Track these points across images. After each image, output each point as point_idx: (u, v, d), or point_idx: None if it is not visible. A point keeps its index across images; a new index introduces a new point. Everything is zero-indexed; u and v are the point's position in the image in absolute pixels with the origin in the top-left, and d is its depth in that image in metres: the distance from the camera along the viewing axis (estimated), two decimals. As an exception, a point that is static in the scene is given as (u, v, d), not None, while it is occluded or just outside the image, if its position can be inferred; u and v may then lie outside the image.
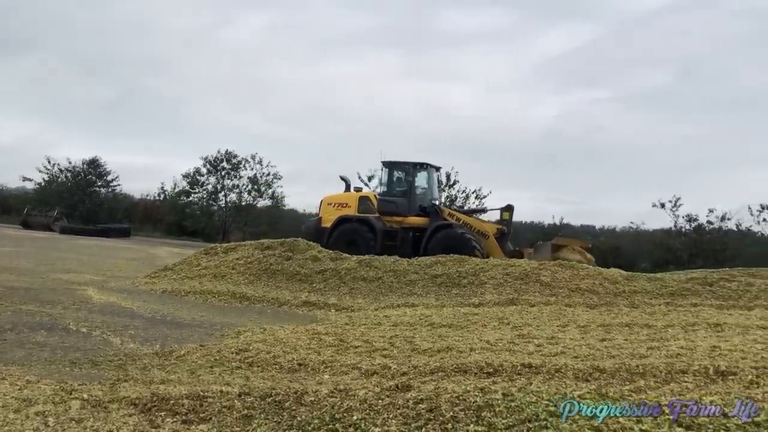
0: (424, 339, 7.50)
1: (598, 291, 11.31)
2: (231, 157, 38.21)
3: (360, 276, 12.71)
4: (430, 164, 19.27)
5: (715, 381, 5.14)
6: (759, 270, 12.47)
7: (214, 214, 38.98)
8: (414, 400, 3.52)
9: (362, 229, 17.58)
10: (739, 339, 7.01)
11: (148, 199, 43.77)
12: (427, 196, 19.01)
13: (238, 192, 38.61)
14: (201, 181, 38.62)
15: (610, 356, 6.24)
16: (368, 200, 18.49)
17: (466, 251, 15.53)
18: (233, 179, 38.54)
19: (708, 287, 10.89)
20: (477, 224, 17.74)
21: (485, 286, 11.93)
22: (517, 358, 6.16)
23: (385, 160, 19.17)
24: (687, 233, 28.37)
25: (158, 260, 19.19)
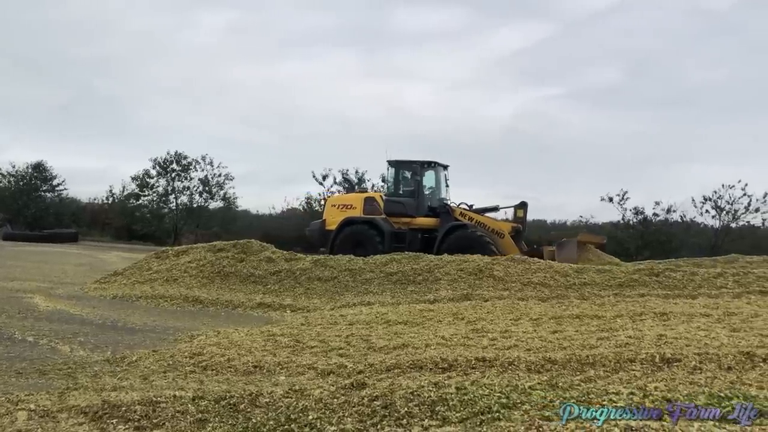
0: (381, 337, 7.53)
1: (549, 284, 11.53)
2: (181, 159, 37.55)
3: (315, 276, 12.67)
4: (438, 162, 18.50)
5: (661, 368, 5.32)
6: (702, 260, 12.92)
7: (164, 217, 38.22)
8: (369, 397, 3.54)
9: (369, 231, 16.96)
10: (684, 327, 7.25)
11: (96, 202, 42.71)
12: (435, 196, 18.33)
13: (189, 194, 37.98)
14: (151, 184, 37.84)
15: (562, 348, 6.38)
16: (374, 201, 17.81)
17: (482, 252, 15.02)
18: (184, 181, 37.90)
19: (654, 278, 11.22)
20: (491, 223, 17.05)
21: (440, 282, 12.03)
22: (471, 352, 6.25)
23: (391, 159, 18.34)
24: (634, 226, 29.12)
25: (108, 265, 18.74)
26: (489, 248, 15.66)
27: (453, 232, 16.53)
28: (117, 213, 39.43)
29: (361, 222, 17.26)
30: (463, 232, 16.47)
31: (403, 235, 16.99)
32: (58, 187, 41.19)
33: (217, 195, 38.16)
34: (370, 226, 17.09)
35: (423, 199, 17.79)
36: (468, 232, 16.44)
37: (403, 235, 16.99)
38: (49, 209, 39.57)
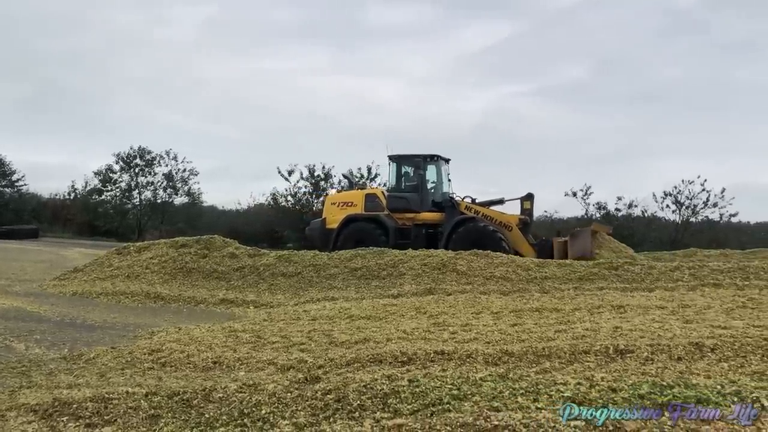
0: (343, 332, 7.55)
1: (511, 278, 11.66)
2: (145, 154, 37.02)
3: (279, 272, 12.63)
4: (441, 156, 18.10)
5: (614, 359, 5.43)
6: (662, 254, 13.21)
7: (128, 213, 37.66)
8: (322, 391, 3.56)
9: (373, 228, 16.60)
10: (639, 319, 7.39)
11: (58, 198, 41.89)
12: (438, 191, 17.88)
13: (153, 189, 37.48)
14: (114, 179, 37.24)
15: (520, 340, 6.46)
16: (376, 197, 17.49)
17: (493, 246, 14.81)
18: (148, 176, 37.37)
19: (613, 271, 11.42)
20: (498, 216, 16.64)
21: (404, 277, 12.08)
22: (431, 346, 6.30)
23: (392, 154, 17.88)
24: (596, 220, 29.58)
25: (68, 262, 18.40)
26: (500, 242, 15.37)
27: (461, 226, 16.15)
28: (79, 209, 38.76)
29: (364, 219, 16.92)
30: (473, 225, 16.09)
31: (408, 231, 16.71)
32: (17, 183, 40.35)
33: (182, 190, 37.72)
34: (373, 222, 16.79)
35: (427, 193, 17.45)
36: (478, 225, 16.04)
37: (408, 231, 16.71)
38: (8, 205, 38.73)
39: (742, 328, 6.27)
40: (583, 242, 15.17)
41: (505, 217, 16.62)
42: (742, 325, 6.45)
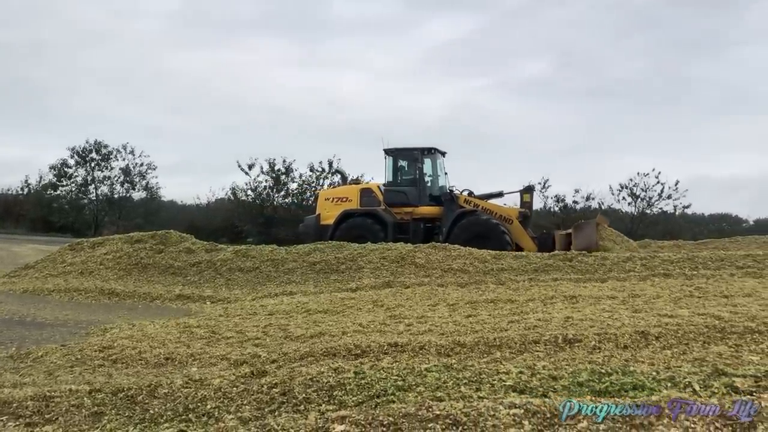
0: (299, 326, 7.53)
1: (469, 270, 11.77)
2: (101, 148, 36.28)
3: (237, 267, 12.54)
4: (437, 149, 17.80)
5: (563, 349, 5.52)
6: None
7: (84, 208, 36.92)
8: (268, 385, 3.56)
9: (370, 224, 16.30)
10: (591, 309, 7.53)
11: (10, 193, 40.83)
12: (435, 184, 17.68)
13: (110, 184, 36.77)
14: (69, 174, 36.44)
15: (474, 331, 6.53)
16: (371, 192, 17.18)
17: (496, 239, 14.81)
18: (104, 171, 36.65)
19: (568, 262, 11.61)
20: (498, 209, 16.45)
21: (363, 270, 12.11)
22: (385, 338, 6.33)
23: (388, 148, 17.57)
24: (555, 213, 30.07)
25: (21, 258, 17.93)
26: (502, 235, 15.25)
27: (462, 219, 15.97)
28: (33, 204, 37.82)
29: (361, 214, 16.66)
30: (473, 218, 15.90)
31: (407, 225, 16.50)
32: (-33, 178, 39.16)
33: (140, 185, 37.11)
34: (371, 218, 16.51)
35: (425, 187, 17.25)
36: (480, 218, 15.85)
37: (407, 225, 16.50)
38: (-43, 201, 37.63)
39: (687, 316, 6.42)
40: (588, 234, 14.99)
41: (505, 211, 16.49)
42: (688, 313, 6.61)
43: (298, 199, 29.62)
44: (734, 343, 5.16)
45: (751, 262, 10.90)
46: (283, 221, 27.97)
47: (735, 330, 5.49)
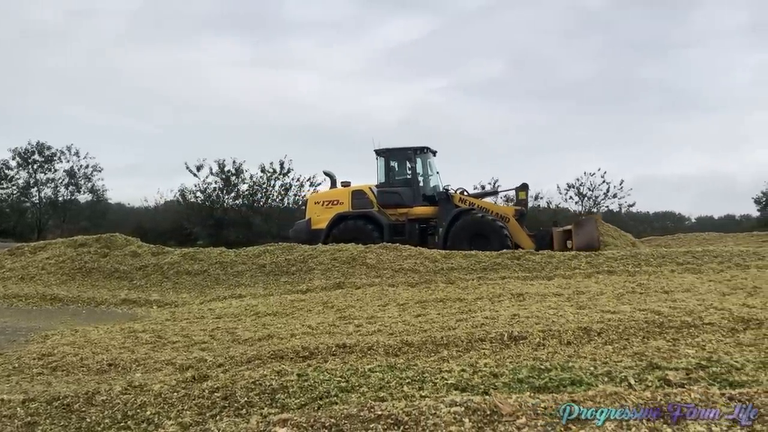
0: (247, 329, 7.46)
1: (419, 270, 11.84)
2: (44, 149, 35.19)
3: (184, 270, 12.34)
4: (429, 148, 17.65)
5: (508, 346, 5.60)
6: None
7: (26, 212, 35.76)
8: (210, 389, 3.50)
9: (365, 226, 16.09)
10: (537, 306, 7.65)
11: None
12: (428, 184, 17.47)
13: (54, 186, 35.69)
14: (10, 176, 35.23)
15: (422, 330, 6.56)
16: (363, 194, 16.95)
17: (496, 237, 14.70)
18: (48, 173, 35.55)
19: (516, 261, 11.79)
20: (494, 208, 16.47)
21: (313, 272, 12.06)
22: (334, 339, 6.31)
23: (379, 149, 17.42)
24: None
25: (-43, 265, 17.26)
26: (502, 232, 15.11)
27: (459, 218, 15.81)
28: (-29, 208, 36.45)
29: (355, 217, 16.41)
30: (471, 217, 15.74)
31: (402, 226, 16.29)
32: None
33: (85, 187, 36.13)
34: (366, 220, 16.27)
35: (419, 187, 17.09)
36: (478, 217, 15.68)
37: (402, 226, 16.29)
38: None
39: (629, 312, 6.58)
40: (590, 231, 14.89)
41: (501, 209, 16.46)
42: (630, 309, 6.78)
43: (248, 200, 29.27)
44: (672, 337, 5.31)
45: (691, 259, 11.25)
46: (233, 223, 27.61)
47: (673, 324, 5.65)
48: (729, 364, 3.56)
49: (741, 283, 8.41)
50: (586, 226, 15.25)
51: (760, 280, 8.62)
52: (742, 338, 5.13)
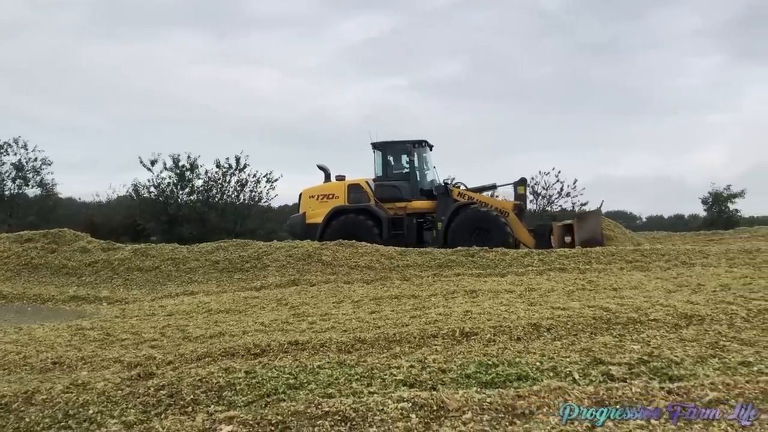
0: (198, 326, 7.36)
1: (375, 267, 11.85)
2: (-13, 142, 33.98)
3: (135, 266, 12.11)
4: (427, 142, 17.42)
5: (460, 342, 5.64)
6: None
7: (-30, 207, 34.54)
8: (155, 387, 3.44)
9: (364, 220, 15.78)
10: (489, 303, 7.73)
11: None
12: (425, 178, 17.25)
13: (0, 180, 34.51)
14: (-49, 170, 33.95)
15: (376, 327, 6.56)
16: (359, 188, 16.60)
17: (497, 231, 14.57)
18: (-8, 167, 34.31)
19: (470, 258, 11.91)
20: (493, 202, 16.16)
21: (268, 269, 11.97)
22: (287, 337, 6.26)
23: (376, 142, 17.07)
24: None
25: None
26: (504, 227, 14.99)
27: (460, 212, 15.58)
28: None
29: (353, 211, 16.10)
30: (474, 211, 15.54)
31: (401, 221, 16.03)
32: None
33: (33, 181, 35.04)
34: (364, 214, 15.98)
35: (417, 181, 16.85)
36: (480, 211, 15.49)
37: (401, 221, 16.03)
38: None
39: (578, 308, 6.70)
40: (593, 226, 14.66)
41: (500, 203, 16.19)
42: (579, 306, 6.90)
43: (203, 196, 28.86)
44: (618, 333, 5.43)
45: (639, 257, 11.52)
46: (187, 219, 27.19)
47: (620, 321, 5.77)
48: (669, 359, 3.66)
49: (686, 281, 8.65)
50: (589, 220, 15.12)
51: (704, 278, 8.88)
52: (684, 334, 5.27)
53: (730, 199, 32.88)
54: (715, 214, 32.95)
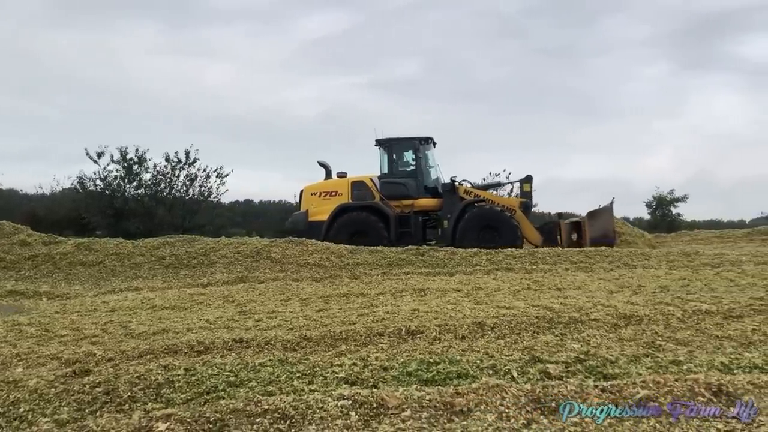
0: (142, 323, 7.21)
1: (324, 265, 11.83)
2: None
3: (78, 261, 11.80)
4: (432, 139, 17.26)
5: (406, 340, 5.68)
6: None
7: None
8: (91, 384, 3.36)
9: (370, 218, 15.59)
10: (437, 301, 7.80)
11: None
12: (430, 175, 17.06)
13: (-65, 171, 33.18)
14: None
15: (323, 325, 6.54)
16: (364, 185, 16.39)
17: (507, 230, 14.47)
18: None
19: (420, 257, 11.99)
20: (499, 200, 16.15)
21: (216, 265, 11.83)
22: (232, 334, 6.19)
23: (382, 138, 16.83)
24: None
25: None
26: (514, 225, 14.90)
27: (468, 211, 15.48)
28: None
29: (359, 208, 15.83)
30: (483, 209, 15.49)
31: (408, 218, 15.85)
32: None
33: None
34: (371, 211, 15.74)
35: (423, 178, 16.68)
36: (490, 209, 15.44)
37: (408, 218, 15.85)
38: None
39: (522, 308, 6.82)
40: (605, 223, 14.47)
41: (507, 201, 16.15)
42: (524, 305, 7.03)
43: (151, 190, 28.25)
44: (560, 332, 5.55)
45: (584, 258, 11.80)
46: (135, 213, 26.58)
47: (561, 320, 5.90)
48: (604, 358, 3.76)
49: (627, 282, 8.89)
50: (601, 217, 14.99)
51: (645, 279, 9.14)
52: (623, 333, 5.42)
53: (673, 203, 33.90)
54: (659, 217, 33.90)
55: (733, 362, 3.70)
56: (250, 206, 40.83)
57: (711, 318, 5.92)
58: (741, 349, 4.45)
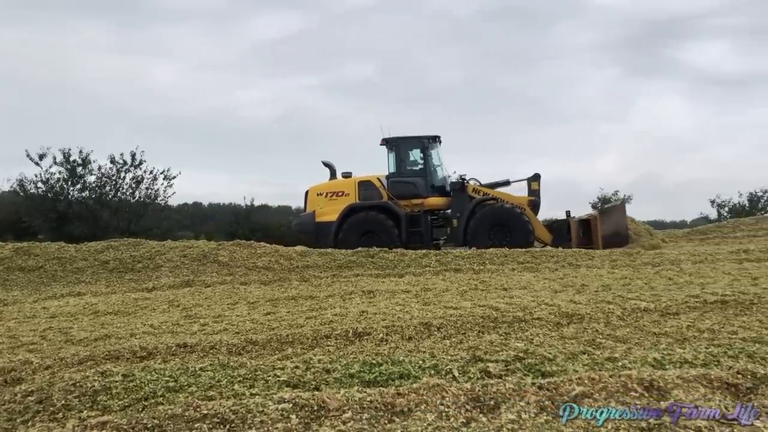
0: (83, 329, 7.04)
1: (274, 268, 11.74)
2: None
3: (16, 266, 11.42)
4: (439, 137, 16.98)
5: (353, 342, 5.68)
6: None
7: None
8: (23, 393, 3.26)
9: (381, 218, 15.31)
10: (385, 303, 7.82)
11: None
12: (438, 174, 16.79)
13: None
14: None
15: (270, 329, 6.49)
16: (371, 185, 16.09)
17: (520, 228, 14.36)
18: None
19: (370, 259, 12.01)
20: (508, 198, 15.87)
21: (161, 269, 11.61)
22: (176, 339, 6.10)
23: (389, 137, 16.53)
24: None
25: None
26: (526, 223, 14.81)
27: (478, 210, 15.37)
28: None
29: (370, 208, 15.53)
30: (494, 207, 15.37)
31: (418, 218, 15.61)
32: None
33: None
34: (382, 211, 15.44)
35: (431, 177, 16.43)
36: (502, 207, 15.32)
37: (418, 218, 15.61)
38: None
39: (469, 308, 6.90)
40: (618, 221, 14.27)
41: (516, 199, 15.94)
42: (470, 305, 7.11)
43: (96, 193, 27.52)
44: (504, 331, 5.63)
45: (530, 258, 12.01)
46: (78, 217, 25.86)
47: (506, 319, 5.99)
48: (543, 356, 3.83)
49: (571, 281, 9.09)
50: (613, 215, 14.95)
51: (588, 279, 9.36)
52: (565, 332, 5.54)
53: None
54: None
55: (665, 358, 3.82)
56: (199, 209, 40.16)
57: (649, 315, 6.10)
58: (675, 345, 4.59)
